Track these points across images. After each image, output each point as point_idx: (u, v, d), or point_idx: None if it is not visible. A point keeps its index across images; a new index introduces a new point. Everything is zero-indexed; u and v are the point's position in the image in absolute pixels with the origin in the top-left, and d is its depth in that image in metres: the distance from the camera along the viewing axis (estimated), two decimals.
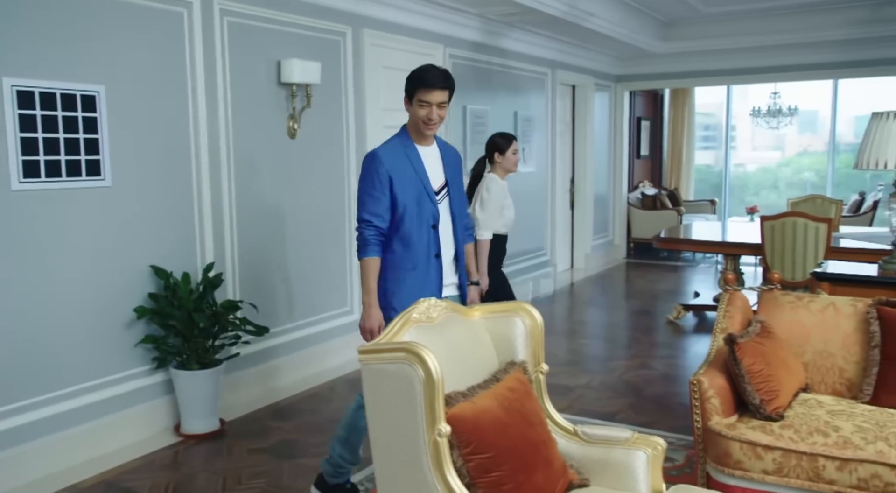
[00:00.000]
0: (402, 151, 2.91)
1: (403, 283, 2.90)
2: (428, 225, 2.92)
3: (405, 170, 2.88)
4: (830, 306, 3.25)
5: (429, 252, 2.93)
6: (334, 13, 4.95)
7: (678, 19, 8.48)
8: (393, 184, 2.86)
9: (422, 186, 2.90)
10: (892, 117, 3.43)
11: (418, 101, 2.83)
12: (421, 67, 2.88)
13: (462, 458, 1.99)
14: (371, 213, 2.87)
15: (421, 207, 2.90)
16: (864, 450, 2.58)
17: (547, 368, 2.46)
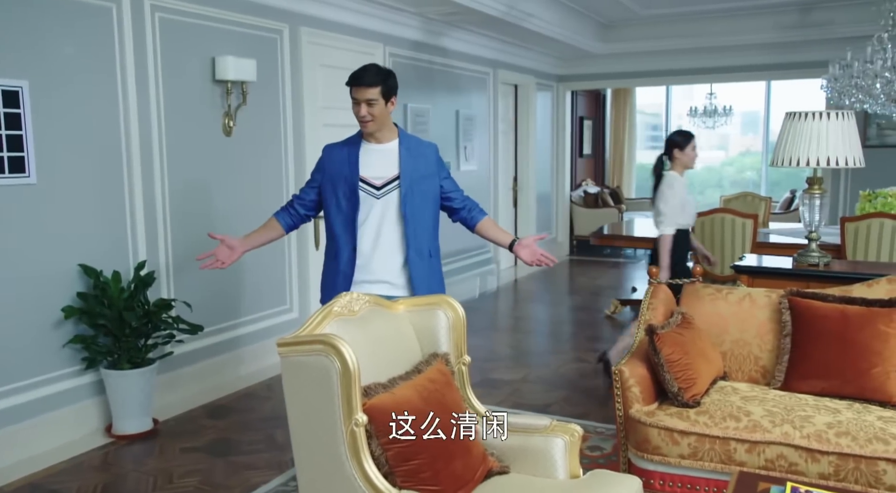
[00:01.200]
0: (346, 147, 3.01)
1: (325, 272, 3.09)
2: (350, 218, 2.97)
3: (340, 165, 3.00)
4: (747, 297, 3.40)
5: (349, 245, 3.00)
6: (271, 11, 4.93)
7: (617, 21, 8.67)
8: (323, 175, 3.03)
9: (353, 182, 2.96)
10: (803, 117, 3.59)
11: (351, 98, 2.92)
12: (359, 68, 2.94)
13: (381, 447, 2.04)
14: (299, 192, 3.18)
15: (349, 201, 2.97)
16: (771, 432, 2.71)
17: (469, 359, 2.52)
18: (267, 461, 3.54)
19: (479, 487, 2.23)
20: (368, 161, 2.99)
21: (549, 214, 9.96)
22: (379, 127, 2.96)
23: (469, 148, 7.63)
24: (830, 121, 3.54)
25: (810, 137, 3.54)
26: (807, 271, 3.71)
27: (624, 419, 2.95)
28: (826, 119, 3.55)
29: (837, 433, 2.65)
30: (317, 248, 5.51)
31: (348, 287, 2.98)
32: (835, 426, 2.69)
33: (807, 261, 3.75)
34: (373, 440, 2.03)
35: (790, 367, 3.12)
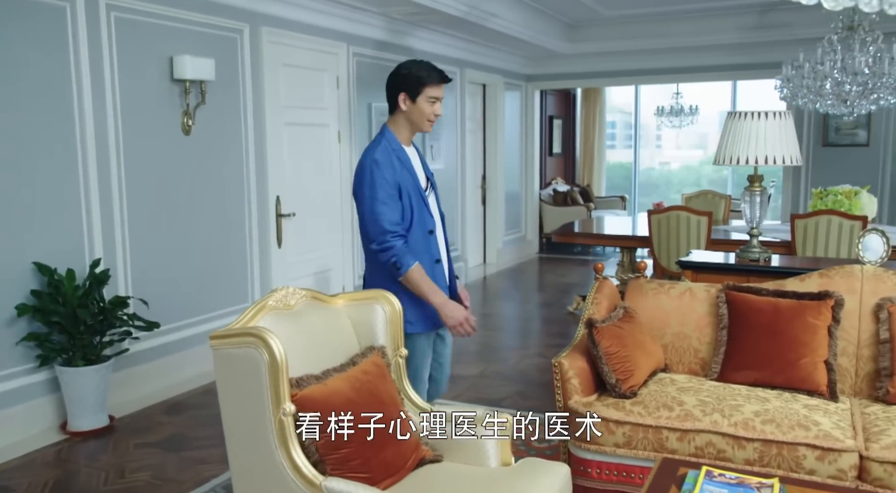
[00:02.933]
0: (393, 155, 2.73)
1: (410, 294, 2.72)
2: (426, 231, 2.78)
3: (404, 175, 2.72)
4: (688, 291, 3.50)
5: (431, 259, 2.79)
6: (231, 10, 4.97)
7: (582, 21, 8.77)
8: (400, 191, 2.69)
9: (418, 191, 2.75)
10: (742, 117, 3.70)
11: (428, 97, 2.73)
12: (418, 63, 2.77)
13: None
14: (392, 222, 2.66)
15: (421, 213, 2.76)
16: (701, 421, 2.80)
17: (406, 352, 2.59)
18: (220, 455, 3.59)
19: (411, 475, 2.30)
20: (416, 167, 2.82)
21: (518, 212, 10.06)
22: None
23: (436, 147, 7.70)
24: (768, 120, 3.65)
25: (749, 136, 3.65)
26: (747, 266, 3.82)
27: (564, 409, 3.04)
28: (764, 119, 3.66)
29: (763, 421, 2.75)
30: (279, 245, 5.56)
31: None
32: (762, 414, 2.79)
33: (748, 257, 3.87)
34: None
35: (726, 358, 3.22)
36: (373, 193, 2.65)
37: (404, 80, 2.72)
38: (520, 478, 2.29)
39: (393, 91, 2.77)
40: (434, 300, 2.69)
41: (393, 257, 2.64)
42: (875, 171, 8.48)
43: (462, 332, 2.73)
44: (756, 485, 2.09)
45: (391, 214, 2.65)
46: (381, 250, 2.65)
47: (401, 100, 2.74)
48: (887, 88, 5.46)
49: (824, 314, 3.10)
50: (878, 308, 3.08)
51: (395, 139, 2.77)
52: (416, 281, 2.67)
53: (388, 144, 2.74)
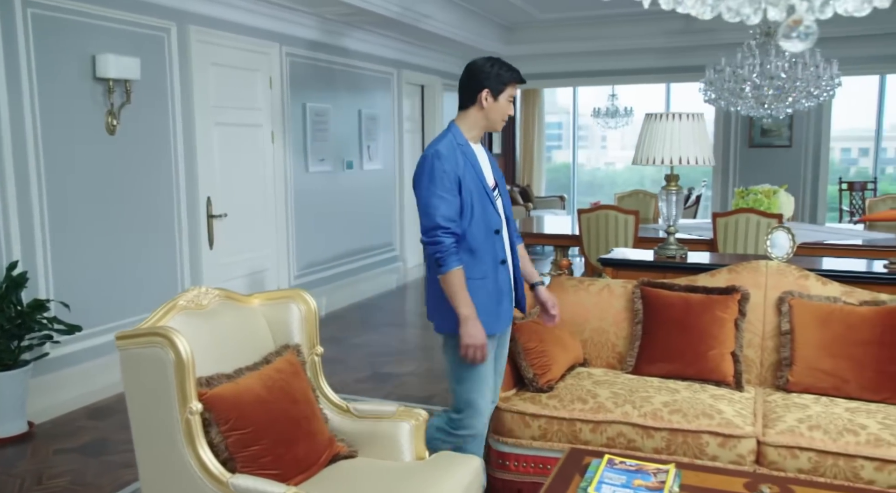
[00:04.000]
0: (458, 149, 2.63)
1: (475, 296, 2.59)
2: (491, 230, 2.66)
3: (467, 170, 2.62)
4: (606, 287, 3.61)
5: (495, 259, 2.68)
6: (156, 8, 4.90)
7: (517, 24, 8.91)
8: (461, 185, 2.58)
9: (483, 189, 2.65)
10: (658, 119, 3.83)
11: (510, 96, 2.68)
12: (499, 61, 2.68)
13: (221, 434, 2.12)
14: (446, 218, 2.54)
15: (485, 211, 2.64)
16: (612, 412, 2.91)
17: (322, 350, 2.62)
18: None
19: (324, 471, 2.34)
20: (483, 165, 2.72)
21: None
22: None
23: (373, 147, 7.71)
24: (682, 122, 3.79)
25: (664, 137, 3.78)
26: (664, 262, 3.96)
27: None
28: (678, 120, 3.80)
29: (671, 411, 2.87)
30: (211, 247, 5.50)
31: (511, 309, 2.75)
32: (670, 405, 2.91)
33: (665, 254, 4.00)
34: (213, 427, 2.11)
35: (640, 352, 3.34)
36: (431, 184, 2.55)
37: (488, 77, 2.63)
38: (432, 471, 2.35)
39: (474, 87, 2.65)
40: (462, 311, 2.54)
41: (438, 253, 2.53)
42: (797, 170, 8.83)
43: (470, 355, 2.57)
44: (653, 471, 2.19)
45: (446, 209, 2.54)
46: (430, 243, 2.55)
47: (482, 96, 2.64)
48: (801, 91, 5.71)
49: (731, 308, 3.24)
50: (780, 302, 3.23)
51: (461, 135, 2.67)
52: (453, 284, 2.54)
53: (454, 139, 2.65)
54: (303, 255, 6.58)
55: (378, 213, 7.88)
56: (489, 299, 2.65)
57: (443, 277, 2.55)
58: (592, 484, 2.11)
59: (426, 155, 2.61)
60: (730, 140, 9.09)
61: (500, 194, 2.76)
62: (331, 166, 6.98)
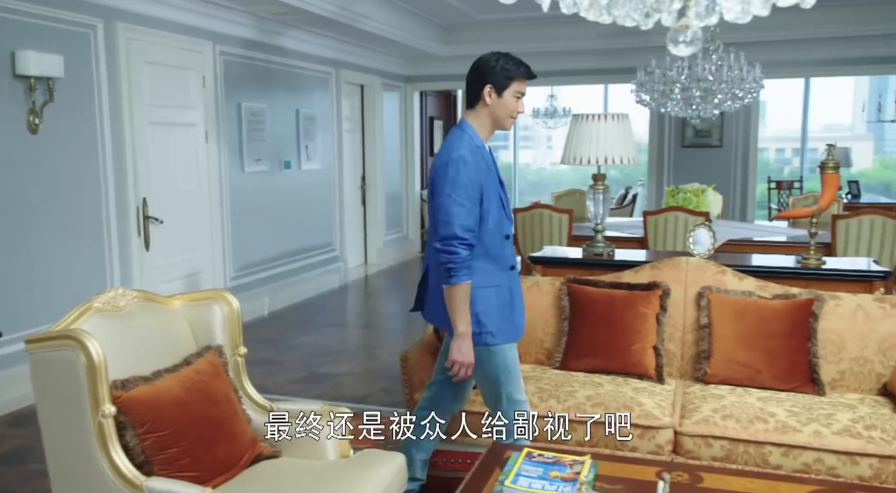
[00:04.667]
0: (477, 153, 2.51)
1: (491, 304, 2.54)
2: (502, 236, 2.58)
3: (488, 175, 2.52)
4: (535, 285, 3.67)
5: (507, 265, 2.61)
6: (80, 4, 4.78)
7: (456, 24, 8.95)
8: (483, 192, 2.49)
9: (500, 193, 2.57)
10: (585, 119, 3.92)
11: (515, 92, 2.53)
12: (505, 55, 2.55)
13: (137, 437, 2.09)
14: (464, 228, 2.44)
15: (500, 216, 2.56)
16: (537, 407, 2.97)
17: (245, 350, 2.60)
18: None
19: (246, 471, 2.33)
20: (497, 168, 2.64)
21: (400, 212, 10.15)
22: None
23: (311, 147, 7.66)
24: (608, 122, 3.89)
25: (590, 137, 3.87)
26: (592, 260, 4.05)
27: (411, 402, 3.13)
28: (604, 121, 3.89)
29: (594, 404, 2.95)
30: (147, 249, 5.39)
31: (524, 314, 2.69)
32: (593, 399, 2.98)
33: (593, 251, 4.10)
34: (128, 430, 2.08)
35: (567, 348, 3.41)
36: (453, 191, 2.43)
37: (491, 72, 2.51)
38: (354, 470, 2.36)
39: (477, 83, 2.55)
40: (460, 327, 2.48)
41: (450, 264, 2.43)
42: (728, 169, 9.12)
43: (456, 371, 2.54)
44: (570, 462, 2.25)
45: (466, 219, 2.43)
46: (444, 252, 2.44)
47: (485, 93, 2.52)
48: (726, 93, 5.90)
49: (653, 303, 3.34)
50: (699, 296, 3.35)
51: (476, 136, 2.56)
52: (457, 298, 2.45)
53: (472, 141, 2.52)
54: (240, 256, 6.50)
55: (317, 213, 7.84)
56: (505, 306, 2.57)
57: (449, 288, 2.46)
58: (510, 477, 2.16)
59: (451, 158, 2.47)
60: (664, 140, 9.33)
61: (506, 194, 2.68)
62: (268, 166, 6.91)
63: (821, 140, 11.33)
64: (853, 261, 4.15)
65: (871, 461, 2.55)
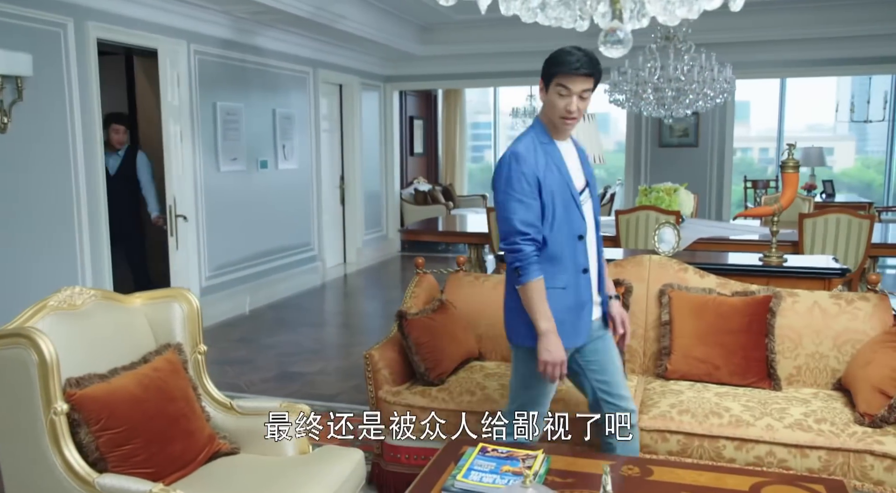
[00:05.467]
0: (541, 149, 2.43)
1: (554, 307, 2.41)
2: (574, 236, 2.45)
3: (550, 171, 2.42)
4: (501, 283, 3.69)
5: (577, 267, 2.46)
6: (50, 3, 4.76)
7: (434, 24, 8.98)
8: (541, 188, 2.39)
9: (568, 191, 2.44)
10: None
11: (557, 87, 2.37)
12: (562, 48, 2.40)
13: (91, 434, 2.11)
14: (526, 223, 2.36)
15: (569, 215, 2.43)
16: (498, 403, 3.00)
17: (205, 348, 2.62)
18: None
19: (203, 468, 2.35)
20: (571, 164, 2.50)
21: (379, 211, 10.16)
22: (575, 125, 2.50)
23: (288, 147, 7.67)
24: None
25: None
26: None
27: (375, 399, 3.16)
28: None
29: (554, 401, 2.97)
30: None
31: (590, 321, 2.52)
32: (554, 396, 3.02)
33: None
34: (82, 428, 2.10)
35: None
36: (508, 188, 2.37)
37: (543, 66, 2.42)
38: (311, 465, 2.39)
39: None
40: (541, 325, 2.37)
41: (517, 263, 2.37)
42: (704, 169, 9.21)
43: (549, 372, 2.40)
44: (523, 457, 2.29)
45: (525, 213, 2.36)
46: (509, 251, 2.38)
47: (538, 89, 2.46)
48: (697, 93, 5.97)
49: None
50: (661, 294, 3.39)
51: (544, 132, 2.46)
52: (532, 297, 2.37)
53: (535, 137, 2.45)
54: (215, 255, 6.49)
55: (295, 212, 7.84)
56: (568, 311, 2.44)
57: (521, 287, 2.38)
58: (462, 471, 2.19)
59: (504, 156, 2.44)
60: (641, 140, 9.40)
61: (591, 196, 2.55)
62: (244, 166, 6.91)
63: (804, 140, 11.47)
64: (814, 259, 4.22)
65: (820, 453, 2.60)
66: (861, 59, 8.57)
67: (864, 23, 7.95)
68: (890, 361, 2.76)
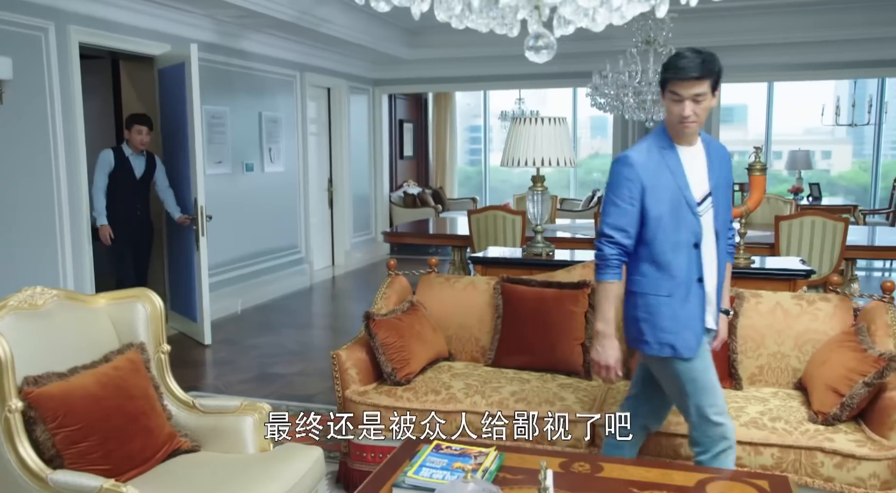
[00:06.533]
0: (657, 154, 2.40)
1: (659, 312, 2.39)
2: (688, 244, 2.39)
3: (661, 177, 2.38)
4: (471, 284, 3.76)
5: (689, 277, 2.39)
6: (30, 7, 4.80)
7: (421, 27, 9.03)
8: (645, 194, 2.37)
9: (681, 197, 2.38)
10: (523, 122, 4.01)
11: (670, 93, 2.34)
12: (676, 53, 2.37)
13: (48, 432, 2.15)
14: (613, 226, 2.38)
15: (679, 221, 2.38)
16: (462, 403, 3.05)
17: (168, 348, 2.66)
18: None
19: (162, 465, 2.39)
20: (689, 171, 2.43)
21: (368, 214, 10.20)
22: (700, 127, 2.43)
23: (274, 150, 7.71)
24: (545, 126, 3.98)
25: (527, 140, 3.96)
26: (531, 260, 4.14)
27: (342, 399, 3.20)
28: (541, 124, 3.98)
29: (517, 400, 3.03)
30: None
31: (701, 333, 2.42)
32: (517, 394, 3.07)
33: (532, 251, 4.18)
34: (39, 425, 2.14)
35: (499, 345, 3.50)
36: (610, 190, 2.42)
37: (660, 73, 2.41)
38: (270, 462, 2.43)
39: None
40: (598, 325, 2.44)
41: (598, 261, 2.42)
42: None
43: (602, 375, 2.47)
44: (475, 454, 2.32)
45: (617, 218, 2.38)
46: (596, 248, 2.44)
47: (661, 94, 2.43)
48: None
49: (581, 301, 3.43)
50: None
51: (665, 137, 2.42)
52: (601, 296, 2.42)
53: (654, 141, 2.43)
54: None
55: (281, 215, 7.88)
56: (673, 321, 2.39)
57: (598, 284, 2.46)
58: (413, 468, 2.23)
59: (616, 159, 2.46)
60: (628, 143, 9.44)
61: (717, 202, 2.45)
62: (229, 168, 6.95)
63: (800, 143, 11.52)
64: (782, 260, 4.26)
65: (773, 450, 2.64)
66: (847, 62, 8.63)
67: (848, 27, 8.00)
68: (845, 360, 2.80)
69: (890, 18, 7.69)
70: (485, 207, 6.10)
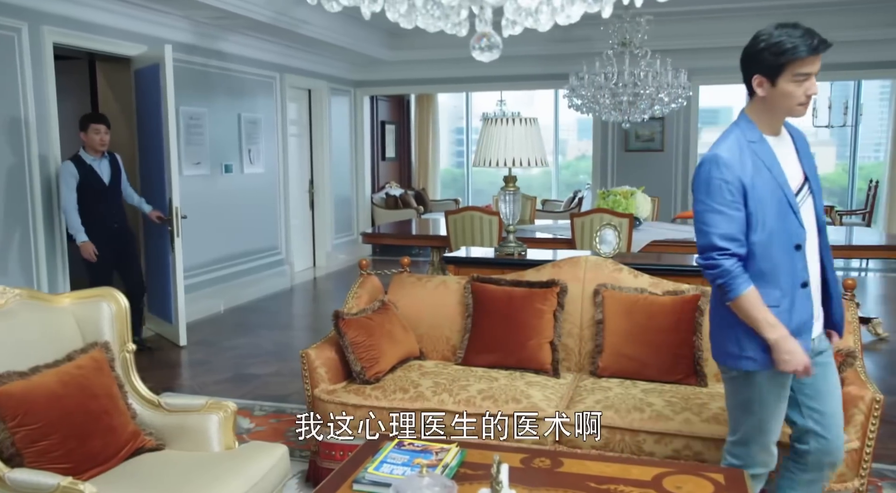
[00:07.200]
0: (747, 149, 2.18)
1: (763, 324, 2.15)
2: (790, 246, 2.18)
3: (759, 174, 2.16)
4: (442, 284, 3.78)
5: (794, 281, 2.18)
6: (2, 7, 4.79)
7: (401, 29, 9.02)
8: (748, 196, 2.15)
9: (782, 195, 2.17)
10: (495, 123, 4.03)
11: (794, 76, 2.10)
12: (779, 31, 2.12)
13: (8, 431, 2.15)
14: (725, 237, 2.14)
15: (784, 222, 2.17)
16: (429, 401, 3.07)
17: (133, 347, 2.67)
18: None
19: (125, 463, 2.39)
20: (785, 162, 2.23)
21: (350, 215, 10.21)
22: None
23: (254, 151, 7.70)
24: (516, 126, 4.01)
25: (499, 140, 3.99)
26: (503, 259, 4.16)
27: (312, 398, 3.21)
28: (512, 125, 4.01)
29: (484, 397, 3.05)
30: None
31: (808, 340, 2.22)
32: (485, 392, 3.09)
33: (504, 251, 4.21)
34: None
35: (469, 344, 3.52)
36: (707, 197, 2.16)
37: (757, 60, 2.14)
38: (235, 460, 2.44)
39: (746, 74, 2.20)
40: (769, 335, 2.13)
41: (720, 279, 2.15)
42: (669, 173, 9.34)
43: (802, 375, 2.18)
44: (437, 450, 2.35)
45: (726, 226, 2.14)
46: (706, 267, 2.18)
47: (755, 84, 2.17)
48: (650, 98, 6.07)
49: (550, 300, 3.46)
50: (595, 293, 3.47)
51: (752, 129, 2.20)
52: (748, 309, 2.14)
53: (742, 136, 2.20)
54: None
55: (261, 216, 7.87)
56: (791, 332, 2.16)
57: (733, 304, 2.16)
58: (374, 464, 2.25)
59: (704, 160, 2.19)
60: (607, 144, 9.51)
61: (812, 194, 2.27)
62: (208, 170, 6.94)
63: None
64: None
65: None
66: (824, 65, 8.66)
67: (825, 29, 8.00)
68: None
69: (867, 22, 7.79)
70: (462, 208, 6.13)
